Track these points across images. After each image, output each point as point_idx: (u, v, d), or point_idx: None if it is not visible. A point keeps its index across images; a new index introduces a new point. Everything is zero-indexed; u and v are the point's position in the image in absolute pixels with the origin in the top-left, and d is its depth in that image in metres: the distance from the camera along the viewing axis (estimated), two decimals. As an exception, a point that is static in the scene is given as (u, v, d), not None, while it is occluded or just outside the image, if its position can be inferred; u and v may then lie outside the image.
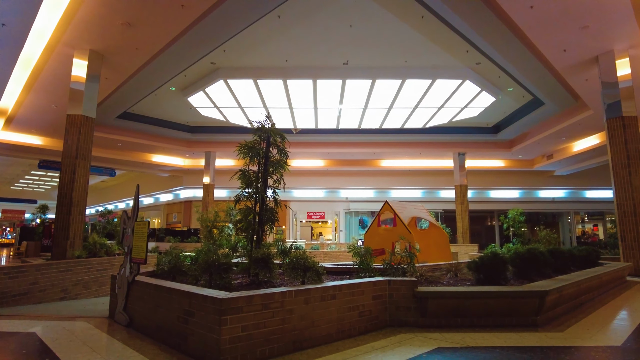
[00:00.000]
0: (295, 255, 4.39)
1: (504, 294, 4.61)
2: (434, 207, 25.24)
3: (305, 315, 3.79)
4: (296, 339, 3.69)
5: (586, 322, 4.86)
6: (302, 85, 14.69)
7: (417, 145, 20.73)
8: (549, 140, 18.31)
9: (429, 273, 5.89)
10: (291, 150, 22.18)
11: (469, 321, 4.59)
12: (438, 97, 15.37)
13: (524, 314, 4.64)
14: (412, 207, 11.62)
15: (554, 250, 7.33)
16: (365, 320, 4.36)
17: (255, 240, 5.63)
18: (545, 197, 24.88)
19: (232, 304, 3.27)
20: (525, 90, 14.85)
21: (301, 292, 3.79)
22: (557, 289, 4.88)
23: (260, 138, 5.99)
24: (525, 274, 6.05)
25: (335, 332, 4.04)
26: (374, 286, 4.52)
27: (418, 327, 4.55)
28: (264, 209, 5.79)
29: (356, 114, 17.45)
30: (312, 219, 26.71)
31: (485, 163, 22.76)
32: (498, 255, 5.38)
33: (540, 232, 11.37)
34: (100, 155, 21.11)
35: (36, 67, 12.42)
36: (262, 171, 5.91)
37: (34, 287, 7.06)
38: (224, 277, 4.32)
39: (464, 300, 4.57)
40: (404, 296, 4.63)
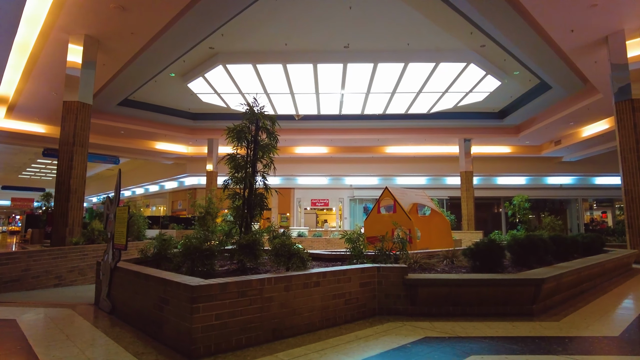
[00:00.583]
0: (280, 242, 4.23)
1: (498, 281, 4.42)
2: (439, 194, 24.93)
3: (286, 303, 3.64)
4: (276, 327, 3.55)
5: (585, 311, 4.66)
6: (302, 70, 14.41)
7: (421, 131, 20.38)
8: (556, 126, 17.86)
9: (423, 260, 5.70)
10: (294, 137, 22.01)
11: (462, 310, 4.41)
12: (442, 82, 15.01)
13: (519, 302, 4.45)
14: (413, 193, 11.40)
15: (556, 237, 7.10)
16: (351, 308, 4.20)
17: (245, 226, 5.48)
18: (552, 184, 24.44)
19: (205, 292, 3.12)
20: (531, 74, 14.43)
21: (281, 279, 3.63)
22: (555, 277, 4.68)
23: (249, 121, 5.79)
24: (524, 261, 5.84)
25: (319, 321, 3.89)
26: (362, 273, 4.36)
27: (408, 315, 4.39)
28: (252, 195, 5.62)
29: (359, 100, 17.14)
30: (316, 206, 26.59)
31: (491, 149, 22.34)
32: (494, 241, 5.17)
33: (545, 219, 11.11)
34: (103, 143, 21.11)
35: (33, 54, 12.29)
36: (251, 156, 5.72)
37: (27, 274, 7.02)
38: (206, 264, 4.19)
39: (455, 288, 4.39)
40: (393, 283, 4.46)
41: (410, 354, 3.17)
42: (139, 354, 3.13)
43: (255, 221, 5.79)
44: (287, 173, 25.67)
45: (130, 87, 15.93)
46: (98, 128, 19.31)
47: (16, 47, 11.62)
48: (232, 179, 5.60)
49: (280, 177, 26.01)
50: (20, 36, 11.06)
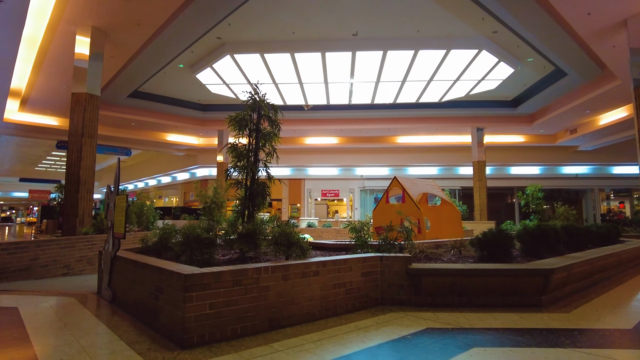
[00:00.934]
0: (279, 231, 4.14)
1: (505, 271, 4.27)
2: (452, 184, 24.59)
3: (283, 293, 3.56)
4: (273, 317, 3.47)
5: (597, 303, 4.49)
6: (310, 59, 14.22)
7: (433, 120, 20.02)
8: (572, 114, 17.34)
9: (430, 250, 5.57)
10: (304, 127, 21.84)
11: (467, 300, 4.29)
12: (453, 69, 14.66)
13: (527, 293, 4.30)
14: (423, 183, 11.21)
15: (569, 226, 6.88)
16: (352, 298, 4.11)
17: (247, 215, 5.41)
18: (567, 174, 23.85)
19: (198, 281, 3.06)
20: (546, 60, 13.98)
21: (279, 268, 3.55)
22: (566, 267, 4.51)
23: (251, 110, 5.69)
24: (534, 251, 5.66)
25: (319, 310, 3.81)
26: (364, 262, 4.25)
27: (411, 305, 4.28)
28: (255, 183, 5.54)
29: (368, 89, 16.89)
30: (327, 197, 26.50)
31: (504, 138, 21.86)
32: (502, 231, 5.01)
33: (559, 209, 10.82)
34: (115, 135, 21.26)
35: (42, 47, 12.36)
36: (252, 144, 5.63)
37: (35, 263, 7.09)
38: (204, 253, 4.12)
39: (460, 278, 4.26)
40: (396, 273, 4.35)
41: (409, 346, 3.06)
42: (132, 343, 3.09)
43: (258, 210, 5.71)
44: (298, 164, 25.58)
45: (140, 79, 15.96)
46: (109, 120, 19.44)
47: (25, 40, 11.68)
48: (235, 167, 5.52)
49: (290, 167, 25.97)
50: (29, 29, 11.11)
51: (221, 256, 4.83)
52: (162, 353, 2.87)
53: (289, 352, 2.91)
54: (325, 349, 2.96)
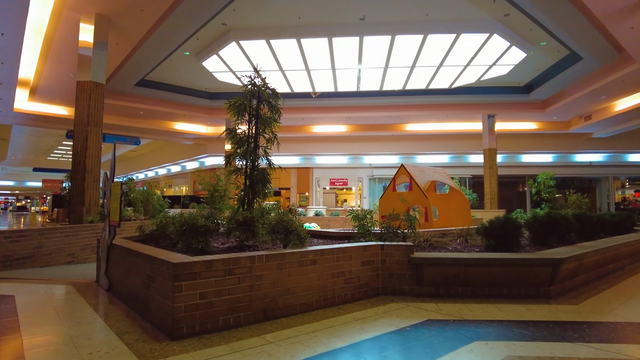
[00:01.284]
0: (276, 218, 4.02)
1: (511, 261, 4.09)
2: (462, 172, 24.24)
3: (279, 282, 3.44)
4: (268, 307, 3.36)
5: (608, 294, 4.30)
6: (317, 45, 13.94)
7: (443, 107, 19.63)
8: (587, 100, 16.82)
9: (435, 238, 5.41)
10: (311, 115, 21.57)
11: (471, 291, 4.13)
12: (464, 54, 14.26)
13: (535, 284, 4.12)
14: (431, 170, 10.99)
15: (581, 215, 6.65)
16: (352, 287, 3.98)
17: (247, 203, 5.30)
18: (581, 161, 23.27)
19: (188, 269, 2.95)
20: (560, 44, 13.51)
21: (274, 257, 3.43)
22: (575, 257, 4.31)
23: (251, 95, 5.53)
24: (544, 240, 5.46)
25: (316, 300, 3.69)
26: (364, 251, 4.11)
27: (413, 295, 4.15)
28: (255, 170, 5.41)
29: (377, 75, 16.57)
30: (335, 186, 26.34)
31: (516, 125, 21.36)
32: (510, 219, 4.82)
33: (571, 197, 10.52)
34: (123, 124, 21.29)
35: (47, 35, 12.31)
36: (252, 130, 5.49)
37: (39, 251, 7.11)
38: (200, 241, 4.02)
39: (464, 268, 4.09)
40: (398, 262, 4.20)
41: (407, 338, 2.93)
42: (122, 333, 3.01)
43: (263, 198, 5.58)
44: (306, 152, 25.41)
45: (146, 67, 15.86)
46: (117, 109, 19.45)
47: (31, 28, 11.63)
48: (235, 154, 5.39)
49: (298, 156, 25.82)
50: (33, 16, 11.04)
51: (220, 244, 4.74)
52: (150, 344, 2.78)
53: (281, 344, 2.80)
54: (318, 341, 2.84)
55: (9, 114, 19.38)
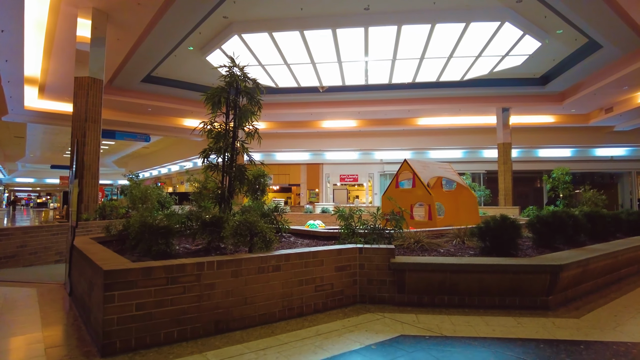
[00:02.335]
0: (241, 219, 3.66)
1: (503, 267, 3.64)
2: (476, 167, 23.52)
3: (233, 291, 3.09)
4: (220, 319, 3.01)
5: (617, 305, 3.80)
6: (321, 37, 13.51)
7: (455, 100, 18.95)
8: (607, 91, 15.93)
9: (428, 239, 4.97)
10: (320, 110, 21.09)
11: (459, 300, 3.70)
12: (475, 44, 13.61)
13: (531, 293, 3.67)
14: (436, 166, 10.49)
15: (592, 213, 6.09)
16: (324, 295, 3.60)
17: (223, 201, 4.96)
18: (602, 156, 22.24)
19: (121, 277, 2.62)
20: (578, 32, 12.74)
21: (227, 263, 3.07)
22: (579, 262, 3.83)
23: (228, 84, 5.19)
24: (548, 241, 4.96)
25: (280, 311, 3.32)
26: (339, 255, 3.72)
27: (394, 304, 3.74)
28: (233, 167, 5.07)
29: (385, 68, 16.04)
30: (345, 182, 25.92)
31: (532, 119, 20.50)
32: (507, 219, 4.35)
33: (585, 193, 9.87)
34: (133, 121, 21.28)
35: (48, 31, 12.22)
36: (230, 123, 5.15)
37: (23, 250, 6.94)
38: (160, 243, 3.70)
39: (450, 275, 3.66)
40: (377, 267, 3.80)
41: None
42: (52, 347, 2.70)
43: (256, 196, 5.24)
44: (315, 148, 25.03)
45: (151, 63, 15.71)
46: (125, 106, 19.43)
47: (31, 24, 11.56)
48: (210, 150, 5.06)
49: (308, 152, 25.50)
50: (32, 12, 10.95)
51: (194, 246, 4.42)
52: (75, 362, 2.47)
53: (221, 364, 2.45)
54: (265, 362, 2.48)
55: (20, 111, 19.55)
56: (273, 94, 19.76)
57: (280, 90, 19.23)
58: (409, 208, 9.47)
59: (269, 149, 25.74)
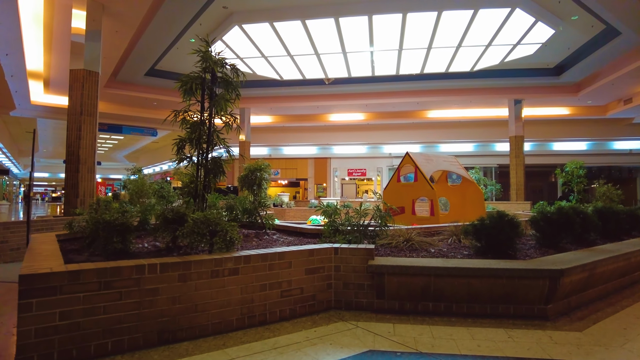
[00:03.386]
0: (201, 215, 3.29)
1: (493, 272, 3.20)
2: (488, 161, 22.84)
3: (182, 297, 2.73)
4: (165, 328, 2.66)
5: (628, 316, 3.33)
6: (324, 26, 13.06)
7: (465, 92, 18.30)
8: (626, 81, 15.09)
9: (418, 238, 4.55)
10: (327, 103, 20.62)
11: (445, 308, 3.28)
12: (484, 33, 13.00)
13: (527, 300, 3.23)
14: (440, 159, 10.00)
15: (605, 209, 5.58)
16: (292, 301, 3.22)
17: (196, 196, 4.61)
18: (620, 149, 21.29)
19: (41, 282, 2.28)
20: (594, 18, 12.02)
21: (173, 266, 2.71)
22: (585, 266, 3.37)
23: (203, 70, 4.82)
24: (553, 241, 4.49)
25: (238, 319, 2.96)
26: (310, 256, 3.33)
27: (373, 311, 3.34)
28: (207, 159, 4.72)
29: (392, 58, 15.50)
30: (353, 176, 25.47)
31: (546, 111, 19.70)
32: (504, 216, 3.90)
33: (599, 188, 9.27)
34: (139, 115, 21.16)
35: (46, 24, 12.07)
36: (205, 112, 4.79)
37: (4, 246, 6.73)
38: (114, 241, 3.37)
39: (435, 279, 3.24)
40: (355, 270, 3.40)
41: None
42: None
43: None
44: (323, 142, 24.62)
45: (153, 56, 15.49)
46: (131, 100, 19.31)
47: (28, 17, 11.42)
48: (183, 141, 4.71)
49: (316, 146, 25.13)
50: (28, 4, 10.79)
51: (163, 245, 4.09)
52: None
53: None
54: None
55: (28, 106, 19.59)
56: (278, 86, 19.42)
57: (285, 82, 18.86)
58: (411, 203, 9.03)
59: (276, 143, 25.45)
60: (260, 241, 4.70)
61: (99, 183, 29.36)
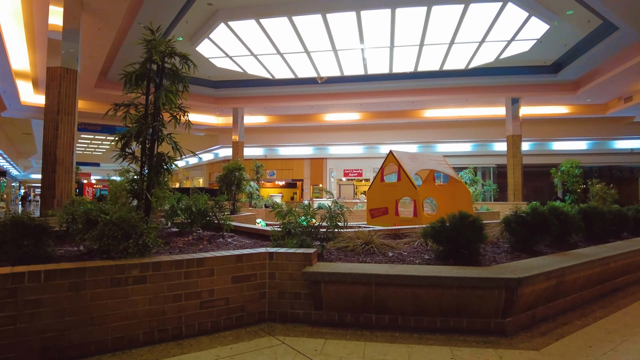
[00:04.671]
0: (116, 217, 2.94)
1: (440, 280, 2.81)
2: (486, 161, 22.40)
3: (73, 309, 2.38)
4: (49, 345, 2.31)
5: (597, 330, 2.93)
6: (312, 23, 12.71)
7: (461, 90, 17.87)
8: (626, 78, 14.58)
9: (380, 240, 4.17)
10: (321, 102, 20.19)
11: (390, 321, 2.90)
12: (477, 29, 12.60)
13: (481, 314, 2.84)
14: (427, 158, 9.61)
15: (590, 210, 5.17)
16: (215, 313, 2.85)
17: (139, 196, 4.27)
18: (621, 149, 20.73)
19: None
20: (590, 12, 11.57)
21: (61, 274, 2.36)
22: (549, 274, 2.97)
23: (148, 60, 4.48)
24: (526, 244, 4.10)
25: (146, 333, 2.60)
26: (238, 262, 2.96)
27: (310, 324, 2.97)
28: (153, 154, 4.38)
29: (384, 56, 15.13)
30: (350, 177, 25.10)
31: (545, 110, 19.19)
32: (467, 217, 3.51)
33: (593, 187, 8.83)
34: (132, 115, 20.94)
35: (26, 22, 11.85)
36: (150, 104, 4.45)
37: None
38: (25, 245, 3.03)
39: (376, 288, 2.86)
40: (291, 277, 3.03)
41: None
42: None
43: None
44: (319, 142, 24.27)
45: (140, 55, 15.24)
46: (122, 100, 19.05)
47: (6, 14, 11.19)
48: (126, 135, 4.37)
49: (312, 146, 24.80)
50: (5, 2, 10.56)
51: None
52: None
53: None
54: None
55: (18, 107, 19.42)
56: (271, 86, 19.10)
57: (278, 82, 18.54)
58: (394, 203, 8.65)
59: (271, 143, 25.13)
60: (210, 244, 4.34)
61: (87, 184, 29.14)
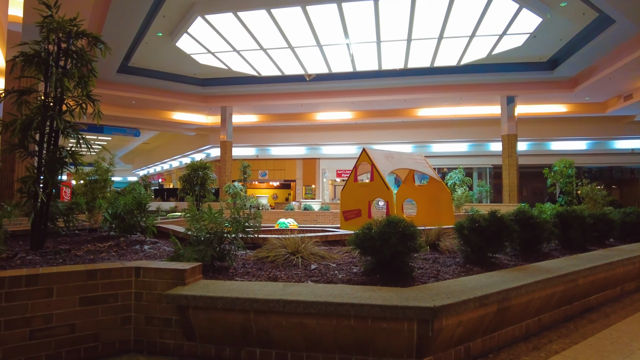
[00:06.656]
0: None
1: (333, 308, 2.15)
2: (482, 162, 21.72)
3: None
4: None
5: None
6: (292, 16, 12.11)
7: (454, 88, 17.19)
8: (625, 74, 13.81)
9: (310, 249, 3.54)
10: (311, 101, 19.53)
11: (279, 358, 2.27)
12: (466, 22, 11.95)
13: (390, 352, 2.19)
14: (404, 157, 8.96)
15: (567, 213, 4.51)
16: (52, 345, 2.23)
17: (35, 195, 3.68)
18: (621, 149, 19.91)
19: None
20: (585, 4, 10.88)
21: None
22: (482, 299, 2.30)
23: (47, 40, 3.90)
24: (481, 255, 3.45)
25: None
26: (89, 280, 2.34)
27: (182, 357, 2.35)
28: (50, 148, 3.79)
29: (371, 52, 14.50)
30: (342, 177, 24.50)
31: (542, 108, 18.43)
32: (397, 223, 2.87)
33: (583, 188, 8.14)
34: (119, 114, 20.39)
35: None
36: (50, 92, 3.85)
37: None
38: None
39: (255, 316, 2.22)
40: (160, 299, 2.41)
41: None
42: None
43: None
44: (311, 142, 23.68)
45: (120, 51, 14.68)
46: (107, 98, 18.56)
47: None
48: (19, 126, 3.78)
49: (304, 146, 24.24)
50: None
51: None
52: None
53: None
54: None
55: (1, 106, 18.91)
56: (258, 83, 18.57)
57: (265, 79, 18.00)
58: (367, 205, 8.01)
59: (262, 143, 24.58)
60: (117, 252, 3.73)
61: (64, 183, 28.65)
